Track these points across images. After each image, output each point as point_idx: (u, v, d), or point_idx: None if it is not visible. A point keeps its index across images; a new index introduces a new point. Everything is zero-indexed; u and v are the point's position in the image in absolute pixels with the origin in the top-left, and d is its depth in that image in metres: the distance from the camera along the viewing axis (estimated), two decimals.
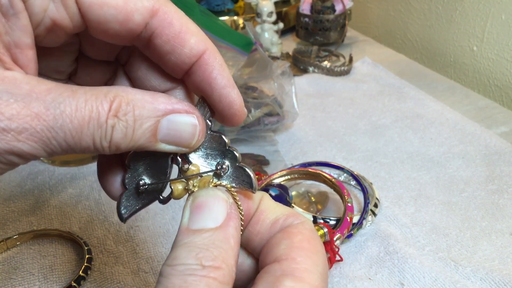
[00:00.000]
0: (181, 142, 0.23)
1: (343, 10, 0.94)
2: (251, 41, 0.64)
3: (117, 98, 0.20)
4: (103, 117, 0.20)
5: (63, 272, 0.45)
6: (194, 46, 0.23)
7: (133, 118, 0.21)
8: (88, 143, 0.20)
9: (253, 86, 0.67)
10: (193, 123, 0.23)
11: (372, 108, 0.73)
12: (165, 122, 0.22)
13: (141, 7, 0.22)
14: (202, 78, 0.23)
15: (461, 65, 0.92)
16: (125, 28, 0.22)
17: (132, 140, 0.21)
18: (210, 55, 0.23)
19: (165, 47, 0.23)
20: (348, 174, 0.55)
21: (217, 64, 0.23)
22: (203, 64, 0.23)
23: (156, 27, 0.22)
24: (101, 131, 0.20)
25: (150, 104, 0.21)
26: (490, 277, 0.43)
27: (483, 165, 0.58)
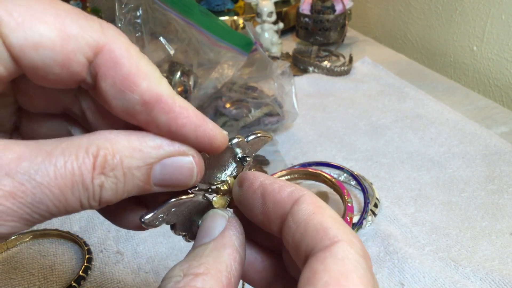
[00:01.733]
0: (178, 184, 0.21)
1: (343, 10, 0.94)
2: (251, 41, 0.64)
3: (101, 151, 0.18)
4: (88, 178, 0.18)
5: (63, 272, 0.45)
6: (146, 91, 0.19)
7: (122, 171, 0.18)
8: (75, 207, 0.18)
9: (253, 86, 0.67)
10: (190, 164, 0.20)
11: (372, 108, 0.73)
12: (159, 168, 0.20)
13: (84, 45, 0.18)
14: (168, 128, 0.20)
15: (461, 65, 0.92)
16: (68, 71, 0.18)
17: (123, 193, 0.19)
18: (167, 100, 0.19)
19: (111, 91, 0.19)
20: (348, 174, 0.55)
21: (179, 107, 0.20)
22: (163, 113, 0.19)
23: (100, 67, 0.18)
24: (88, 193, 0.18)
25: (138, 152, 0.19)
26: (490, 277, 0.43)
27: (483, 165, 0.58)
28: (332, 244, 0.18)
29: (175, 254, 0.46)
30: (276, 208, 0.21)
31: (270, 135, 0.25)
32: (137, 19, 0.62)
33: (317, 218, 0.19)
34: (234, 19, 0.98)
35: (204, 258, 0.20)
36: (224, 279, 0.19)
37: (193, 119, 0.20)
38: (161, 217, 0.23)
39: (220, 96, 0.64)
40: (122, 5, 0.61)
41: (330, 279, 0.17)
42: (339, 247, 0.18)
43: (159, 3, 0.61)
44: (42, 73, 0.18)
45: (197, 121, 0.20)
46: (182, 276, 0.19)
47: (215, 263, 0.20)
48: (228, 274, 0.20)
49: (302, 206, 0.20)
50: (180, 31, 0.64)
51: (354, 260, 0.18)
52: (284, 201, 0.21)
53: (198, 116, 0.20)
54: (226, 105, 0.63)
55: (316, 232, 0.19)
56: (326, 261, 0.18)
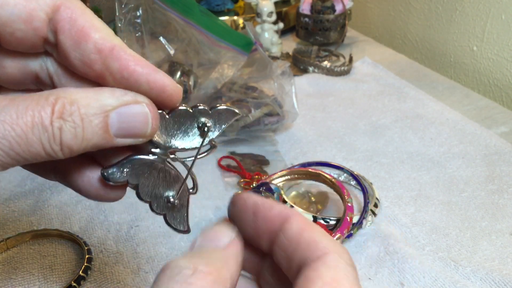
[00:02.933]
0: (136, 133, 0.22)
1: (343, 10, 0.94)
2: (251, 41, 0.64)
3: (59, 100, 0.20)
4: (47, 120, 0.19)
5: (63, 272, 0.45)
6: (99, 41, 0.21)
7: (80, 117, 0.20)
8: (38, 149, 0.20)
9: (253, 86, 0.67)
10: (143, 111, 0.22)
11: (372, 108, 0.73)
12: (115, 116, 0.21)
13: (42, 3, 0.21)
14: (121, 74, 0.22)
15: (461, 65, 0.92)
16: (31, 26, 0.21)
17: (84, 140, 0.21)
18: (119, 49, 0.22)
19: (68, 43, 0.21)
20: (348, 174, 0.55)
21: (130, 56, 0.22)
22: (115, 60, 0.22)
23: (58, 22, 0.21)
24: (48, 135, 0.20)
25: (95, 101, 0.21)
26: (490, 277, 0.43)
27: (483, 165, 0.58)
28: (324, 255, 0.20)
29: (175, 254, 0.46)
30: (266, 225, 0.22)
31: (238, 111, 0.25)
32: (137, 19, 0.62)
33: (307, 233, 0.21)
34: (234, 19, 0.98)
35: (214, 261, 0.20)
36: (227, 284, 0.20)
37: (144, 66, 0.22)
38: (123, 172, 0.24)
39: (220, 96, 0.64)
40: (122, 5, 0.61)
41: (324, 284, 0.18)
42: (330, 257, 0.20)
43: (159, 3, 0.61)
44: (9, 28, 0.21)
45: (148, 69, 0.22)
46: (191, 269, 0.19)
47: (223, 269, 0.20)
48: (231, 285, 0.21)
49: (293, 224, 0.21)
50: (180, 31, 0.64)
51: (344, 269, 0.19)
52: (274, 219, 0.22)
53: (149, 65, 0.22)
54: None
55: (308, 246, 0.20)
56: (319, 269, 0.19)
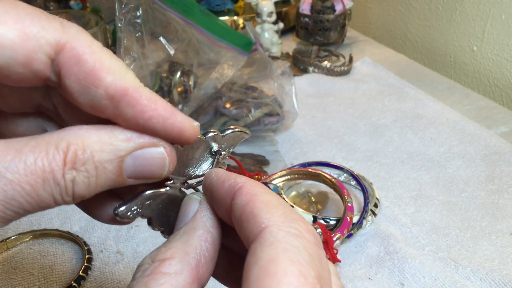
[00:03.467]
0: (151, 175, 0.21)
1: (343, 10, 0.94)
2: (251, 41, 0.64)
3: (71, 147, 0.18)
4: (58, 174, 0.18)
5: (63, 272, 0.45)
6: (110, 86, 0.19)
7: (94, 165, 0.19)
8: (49, 202, 0.18)
9: (253, 86, 0.67)
10: (161, 155, 0.21)
11: (372, 108, 0.73)
12: (130, 160, 0.20)
13: (44, 44, 0.18)
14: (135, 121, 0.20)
15: (461, 65, 0.92)
16: (30, 69, 0.18)
17: (97, 187, 0.19)
18: (133, 93, 0.19)
19: (75, 88, 0.19)
20: (348, 174, 0.55)
21: (145, 100, 0.19)
22: (130, 106, 0.19)
23: (63, 65, 0.19)
24: (60, 188, 0.18)
25: (109, 146, 0.19)
26: (490, 277, 0.43)
27: (483, 165, 0.58)
28: (261, 232, 0.18)
29: None
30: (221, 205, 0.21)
31: (248, 132, 0.25)
32: (137, 19, 0.62)
33: (249, 208, 0.19)
34: (234, 19, 0.98)
35: (173, 243, 0.20)
36: (192, 261, 0.19)
37: (161, 111, 0.20)
38: (135, 210, 0.23)
39: (220, 96, 0.64)
40: (122, 5, 0.61)
41: (259, 270, 0.16)
42: (267, 233, 0.17)
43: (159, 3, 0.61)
44: (6, 72, 0.18)
45: (165, 113, 0.20)
46: (150, 263, 0.19)
47: (183, 246, 0.20)
48: (197, 255, 0.20)
49: (238, 199, 0.19)
50: (180, 31, 0.64)
51: (285, 242, 0.17)
52: (225, 196, 0.20)
53: (166, 108, 0.20)
54: (226, 105, 0.63)
55: (248, 224, 0.18)
56: (255, 251, 0.17)
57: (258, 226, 0.18)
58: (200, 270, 0.20)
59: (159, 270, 0.19)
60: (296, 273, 0.16)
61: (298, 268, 0.16)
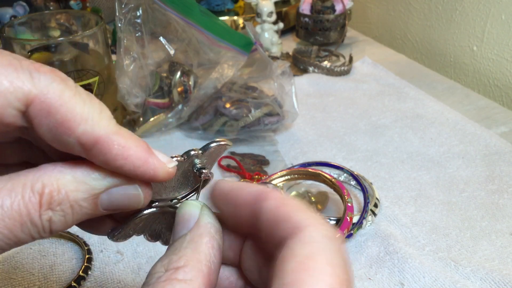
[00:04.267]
0: (127, 208, 0.22)
1: (343, 10, 0.94)
2: (251, 41, 0.64)
3: (46, 188, 0.19)
4: (35, 216, 0.18)
5: (63, 272, 0.45)
6: (82, 136, 0.19)
7: (69, 204, 0.19)
8: (26, 240, 0.19)
9: (253, 86, 0.67)
10: (135, 191, 0.21)
11: (372, 108, 0.73)
12: (105, 196, 0.20)
13: (12, 98, 0.18)
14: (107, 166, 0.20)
15: (461, 65, 0.92)
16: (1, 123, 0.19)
17: (73, 222, 0.20)
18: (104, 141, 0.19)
19: (47, 136, 0.19)
20: (348, 174, 0.55)
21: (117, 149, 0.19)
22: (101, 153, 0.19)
23: (34, 118, 0.19)
24: (38, 228, 0.19)
25: (83, 185, 0.20)
26: (490, 277, 0.43)
27: (483, 165, 0.58)
28: (299, 230, 0.18)
29: None
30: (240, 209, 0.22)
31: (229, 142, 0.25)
32: (137, 19, 0.62)
33: (283, 210, 0.20)
34: (234, 19, 0.98)
35: (183, 251, 0.20)
36: (204, 268, 0.20)
37: (133, 159, 0.20)
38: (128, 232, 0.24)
39: (220, 96, 0.64)
40: (122, 5, 0.61)
41: (297, 264, 0.17)
42: (305, 232, 0.18)
43: (159, 3, 0.61)
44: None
45: (137, 161, 0.20)
46: (164, 271, 0.20)
47: (194, 254, 0.20)
48: (207, 262, 0.20)
49: (269, 202, 0.20)
50: (180, 31, 0.64)
51: (321, 243, 0.18)
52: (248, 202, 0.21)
53: (139, 156, 0.20)
54: (226, 105, 0.63)
55: (284, 223, 0.19)
56: (293, 246, 0.18)
57: (295, 226, 0.19)
58: (211, 277, 0.20)
59: (174, 277, 0.19)
60: (330, 273, 0.17)
61: (333, 269, 0.17)
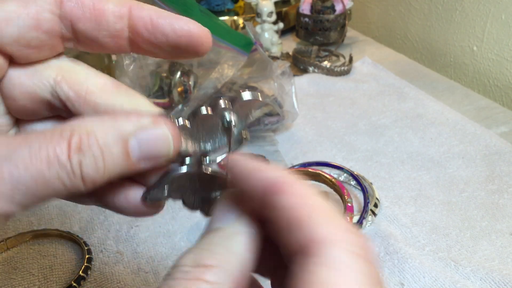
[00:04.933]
0: (159, 155, 0.21)
1: (343, 10, 0.94)
2: (251, 41, 0.64)
3: (75, 133, 0.19)
4: (63, 157, 0.18)
5: (63, 272, 0.45)
6: (115, 9, 0.21)
7: (99, 148, 0.19)
8: (58, 187, 0.19)
9: (253, 86, 0.67)
10: (164, 133, 0.21)
11: (372, 108, 0.73)
12: (135, 142, 0.20)
13: (43, 3, 0.20)
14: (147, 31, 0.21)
15: (461, 65, 0.92)
16: (42, 30, 0.20)
17: (106, 170, 0.20)
18: (137, 8, 0.21)
19: (89, 27, 0.21)
20: (348, 174, 0.55)
21: (150, 10, 0.21)
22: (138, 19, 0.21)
23: (69, 14, 0.21)
24: (67, 171, 0.19)
25: (112, 129, 0.20)
26: (490, 277, 0.43)
27: (483, 165, 0.58)
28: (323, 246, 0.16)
29: (175, 255, 0.46)
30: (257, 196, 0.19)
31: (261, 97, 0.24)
32: None
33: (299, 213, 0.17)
34: (234, 19, 0.98)
35: (215, 247, 0.19)
36: (235, 272, 0.18)
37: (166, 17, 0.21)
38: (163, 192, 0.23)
39: (220, 96, 0.64)
40: None
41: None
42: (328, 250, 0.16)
43: (159, 3, 0.61)
44: (24, 41, 0.20)
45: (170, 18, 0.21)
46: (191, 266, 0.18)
47: (227, 254, 0.19)
48: (240, 266, 0.19)
49: (284, 198, 0.18)
50: None
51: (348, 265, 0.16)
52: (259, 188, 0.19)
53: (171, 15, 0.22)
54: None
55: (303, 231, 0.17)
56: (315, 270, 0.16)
57: (314, 238, 0.16)
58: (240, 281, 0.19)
59: (202, 277, 0.18)
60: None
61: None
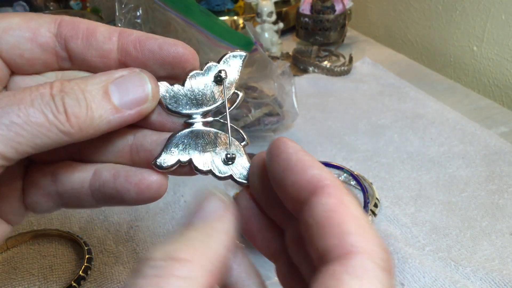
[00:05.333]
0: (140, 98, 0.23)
1: (343, 10, 0.94)
2: (251, 41, 0.64)
3: (57, 81, 0.21)
4: (46, 94, 0.20)
5: (63, 272, 0.45)
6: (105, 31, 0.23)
7: (80, 89, 0.21)
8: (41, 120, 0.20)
9: (253, 86, 0.67)
10: (139, 75, 0.23)
11: (372, 108, 0.73)
12: (113, 86, 0.22)
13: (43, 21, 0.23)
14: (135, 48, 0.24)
15: (461, 65, 0.92)
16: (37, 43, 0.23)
17: (90, 110, 0.21)
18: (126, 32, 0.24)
19: (80, 46, 0.23)
20: (348, 174, 0.55)
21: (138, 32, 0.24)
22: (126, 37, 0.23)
23: (65, 32, 0.23)
24: (51, 106, 0.20)
25: (92, 78, 0.22)
26: (490, 277, 0.43)
27: (483, 165, 0.58)
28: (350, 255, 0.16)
29: None
30: (294, 191, 0.19)
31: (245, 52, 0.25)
32: (137, 19, 0.62)
33: (337, 218, 0.17)
34: (234, 19, 0.98)
35: (191, 241, 0.18)
36: (211, 268, 0.17)
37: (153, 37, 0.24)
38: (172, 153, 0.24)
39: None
40: (122, 5, 0.61)
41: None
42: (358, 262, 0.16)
43: (159, 3, 0.61)
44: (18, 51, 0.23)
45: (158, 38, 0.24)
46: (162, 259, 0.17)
47: (203, 249, 0.18)
48: (217, 262, 0.18)
49: (323, 199, 0.18)
50: (180, 31, 0.64)
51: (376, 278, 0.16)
52: (304, 186, 0.18)
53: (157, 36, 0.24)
54: None
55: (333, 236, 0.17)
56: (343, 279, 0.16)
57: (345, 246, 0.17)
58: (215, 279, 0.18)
59: (173, 273, 0.16)
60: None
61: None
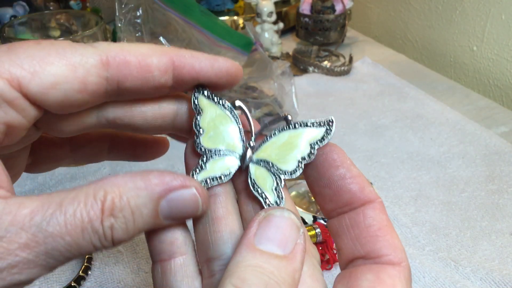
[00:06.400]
0: (186, 215, 0.22)
1: (343, 10, 0.94)
2: (251, 41, 0.64)
3: (108, 195, 0.19)
4: (97, 222, 0.19)
5: (63, 272, 0.45)
6: (160, 64, 0.22)
7: (130, 211, 0.20)
8: (88, 249, 0.19)
9: (253, 86, 0.67)
10: (193, 196, 0.22)
11: (372, 108, 0.73)
12: (165, 203, 0.21)
13: (90, 66, 0.21)
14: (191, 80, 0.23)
15: (461, 65, 0.92)
16: (86, 93, 0.21)
17: (135, 230, 0.20)
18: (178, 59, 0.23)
19: (136, 84, 0.22)
20: None
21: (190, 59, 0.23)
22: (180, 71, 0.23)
23: (117, 75, 0.21)
24: (99, 236, 0.19)
25: (144, 191, 0.20)
26: (490, 277, 0.43)
27: (483, 165, 0.58)
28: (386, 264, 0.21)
29: None
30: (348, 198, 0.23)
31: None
32: (137, 19, 0.62)
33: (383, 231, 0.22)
34: (234, 19, 0.98)
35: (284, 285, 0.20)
36: None
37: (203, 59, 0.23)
38: None
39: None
40: (122, 5, 0.61)
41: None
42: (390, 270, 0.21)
43: (159, 3, 0.61)
44: (67, 103, 0.21)
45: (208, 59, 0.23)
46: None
47: None
48: None
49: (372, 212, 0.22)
50: (180, 31, 0.64)
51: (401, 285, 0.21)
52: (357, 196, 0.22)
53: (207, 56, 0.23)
54: None
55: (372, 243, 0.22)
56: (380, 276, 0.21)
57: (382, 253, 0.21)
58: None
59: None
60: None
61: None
